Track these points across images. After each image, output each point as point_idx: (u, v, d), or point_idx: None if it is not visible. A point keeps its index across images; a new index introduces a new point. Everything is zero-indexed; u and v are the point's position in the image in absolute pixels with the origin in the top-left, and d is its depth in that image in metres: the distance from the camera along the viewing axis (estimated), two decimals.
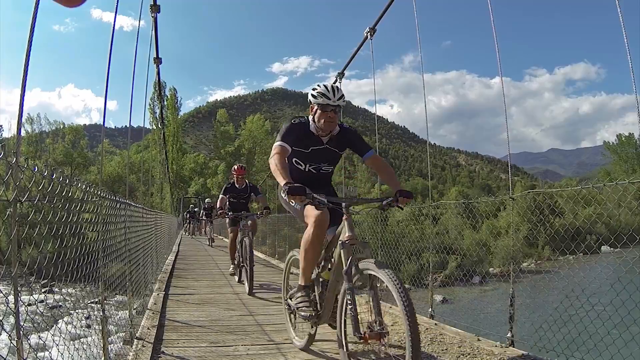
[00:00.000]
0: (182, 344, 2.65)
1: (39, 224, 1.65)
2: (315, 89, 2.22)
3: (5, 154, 1.21)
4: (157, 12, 4.90)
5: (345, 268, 1.85)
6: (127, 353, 2.49)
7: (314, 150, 2.32)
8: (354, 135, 2.39)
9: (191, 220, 18.16)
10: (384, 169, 2.35)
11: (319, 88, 2.21)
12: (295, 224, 9.12)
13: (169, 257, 8.17)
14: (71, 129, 33.25)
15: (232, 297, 4.31)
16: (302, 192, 1.89)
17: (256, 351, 2.53)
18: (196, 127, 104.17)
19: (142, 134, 8.57)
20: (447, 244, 8.74)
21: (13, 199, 1.29)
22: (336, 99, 2.17)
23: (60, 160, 29.89)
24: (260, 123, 40.85)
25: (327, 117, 2.20)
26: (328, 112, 2.19)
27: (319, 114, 2.21)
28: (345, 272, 1.85)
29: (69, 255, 1.84)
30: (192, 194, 34.85)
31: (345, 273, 1.84)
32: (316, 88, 2.22)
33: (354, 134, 2.40)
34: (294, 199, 1.88)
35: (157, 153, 13.23)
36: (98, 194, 2.36)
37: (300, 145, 2.27)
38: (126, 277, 3.16)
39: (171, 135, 34.10)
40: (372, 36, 4.52)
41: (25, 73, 1.50)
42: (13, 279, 1.27)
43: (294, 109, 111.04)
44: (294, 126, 2.27)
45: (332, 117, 2.20)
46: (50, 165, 1.71)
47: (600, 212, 2.89)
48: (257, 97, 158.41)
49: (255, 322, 3.26)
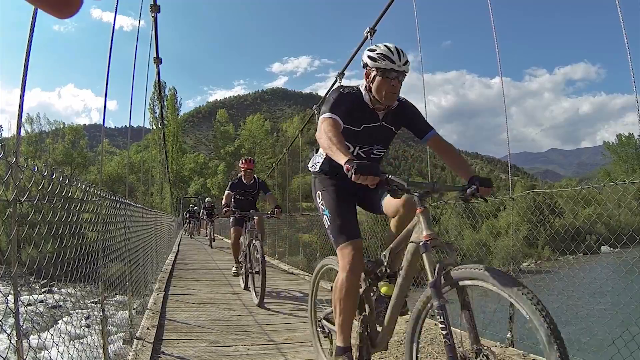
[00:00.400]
0: (182, 344, 2.65)
1: (39, 223, 1.65)
2: (374, 49, 1.76)
3: (5, 154, 1.21)
4: (157, 12, 4.91)
5: (432, 279, 1.36)
6: (127, 353, 2.49)
7: (366, 128, 1.86)
8: (414, 111, 1.93)
9: (191, 220, 18.10)
10: (451, 152, 1.89)
11: (379, 49, 1.74)
12: (294, 223, 9.11)
13: (169, 257, 8.17)
14: (71, 129, 33.27)
15: (232, 297, 4.31)
16: (375, 171, 1.42)
17: (256, 351, 2.53)
18: (196, 127, 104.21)
19: (142, 134, 8.58)
20: None
21: (13, 199, 1.29)
22: (402, 63, 1.71)
23: (60, 160, 29.90)
24: (260, 123, 40.92)
25: (390, 87, 1.73)
26: (391, 80, 1.72)
27: (378, 81, 1.74)
28: (432, 284, 1.35)
29: (68, 255, 1.83)
30: (192, 194, 34.87)
31: (433, 286, 1.35)
32: (375, 49, 1.76)
33: (414, 109, 1.94)
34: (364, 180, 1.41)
35: (157, 153, 13.25)
36: (98, 194, 2.35)
37: (351, 121, 1.78)
38: (126, 277, 3.16)
39: (171, 135, 34.13)
40: (372, 36, 4.52)
41: (25, 73, 1.51)
42: (13, 278, 1.27)
43: (294, 109, 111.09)
44: (345, 96, 1.80)
45: (396, 86, 1.74)
46: (50, 165, 1.71)
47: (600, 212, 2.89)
48: (257, 97, 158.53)
49: (255, 322, 3.26)
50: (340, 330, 1.80)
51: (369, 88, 1.80)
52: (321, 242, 6.69)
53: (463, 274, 1.32)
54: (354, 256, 1.75)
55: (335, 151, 1.56)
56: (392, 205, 1.81)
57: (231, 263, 7.95)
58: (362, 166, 1.42)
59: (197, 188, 35.86)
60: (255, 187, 5.07)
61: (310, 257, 7.33)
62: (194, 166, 38.51)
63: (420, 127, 1.90)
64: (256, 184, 5.08)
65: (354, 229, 1.83)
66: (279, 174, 15.25)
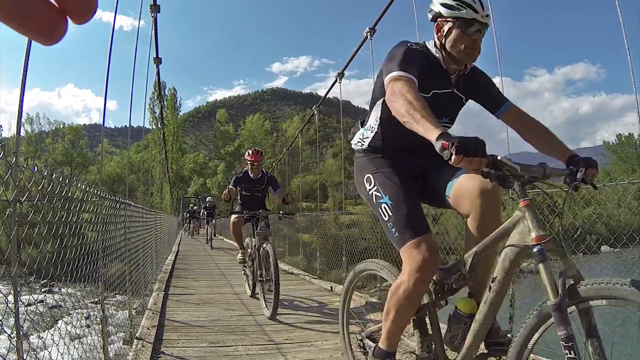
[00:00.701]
0: (182, 344, 2.65)
1: (39, 224, 1.65)
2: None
3: (5, 154, 1.21)
4: (157, 12, 4.91)
5: (555, 299, 1.01)
6: (127, 353, 2.49)
7: (436, 95, 1.47)
8: (487, 79, 1.57)
9: (191, 220, 18.05)
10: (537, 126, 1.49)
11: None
12: (294, 223, 9.09)
13: (169, 257, 8.17)
14: (71, 129, 33.29)
15: (232, 297, 4.31)
16: (482, 149, 1.06)
17: (256, 351, 2.53)
18: (196, 127, 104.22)
19: (141, 134, 8.58)
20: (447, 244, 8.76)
21: (13, 199, 1.29)
22: (484, 14, 1.38)
23: (60, 160, 29.91)
24: (260, 123, 40.95)
25: (470, 41, 1.38)
26: (471, 34, 1.37)
27: (456, 34, 1.38)
28: (557, 307, 1.00)
29: (68, 255, 1.83)
30: (192, 194, 34.89)
31: (558, 309, 0.99)
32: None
33: (487, 76, 1.58)
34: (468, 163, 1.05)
35: (157, 153, 13.24)
36: (98, 194, 2.35)
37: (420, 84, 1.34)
38: (126, 277, 3.16)
39: (171, 135, 34.14)
40: (372, 36, 4.53)
41: (25, 73, 1.50)
42: (13, 278, 1.27)
43: (294, 109, 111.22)
44: (414, 52, 1.41)
45: (477, 41, 1.39)
46: (50, 165, 1.71)
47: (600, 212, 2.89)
48: (257, 97, 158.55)
49: (255, 322, 3.26)
50: (387, 335, 1.48)
51: (441, 45, 1.43)
52: (321, 242, 6.69)
53: (597, 291, 0.96)
54: (427, 257, 1.33)
55: (420, 121, 1.17)
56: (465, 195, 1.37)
57: (231, 263, 7.96)
58: (467, 142, 1.04)
59: (197, 188, 35.87)
60: (263, 182, 4.47)
61: (310, 257, 7.33)
62: (193, 166, 38.55)
63: (496, 98, 1.54)
64: (264, 179, 4.49)
65: (424, 222, 1.42)
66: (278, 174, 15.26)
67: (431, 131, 1.13)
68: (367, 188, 1.54)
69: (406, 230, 1.39)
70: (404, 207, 1.42)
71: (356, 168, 1.65)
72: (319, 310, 3.76)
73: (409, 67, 1.34)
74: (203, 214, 14.92)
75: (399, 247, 1.41)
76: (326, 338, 2.80)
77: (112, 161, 35.35)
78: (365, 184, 1.56)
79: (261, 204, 4.48)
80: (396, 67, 1.34)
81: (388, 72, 1.36)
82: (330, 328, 3.10)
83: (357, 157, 1.66)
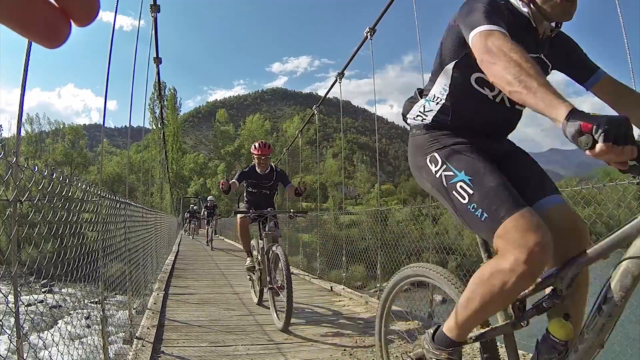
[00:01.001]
0: (182, 343, 2.65)
1: (39, 223, 1.65)
2: None
3: (5, 154, 1.21)
4: (157, 12, 4.91)
5: None
6: (127, 353, 2.49)
7: None
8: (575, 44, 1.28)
9: (192, 220, 17.99)
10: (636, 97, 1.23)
11: None
12: (294, 223, 9.09)
13: (169, 257, 8.17)
14: (71, 129, 33.35)
15: (232, 297, 4.31)
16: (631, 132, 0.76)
17: (256, 351, 2.53)
18: (196, 127, 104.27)
19: (142, 134, 8.57)
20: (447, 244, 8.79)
21: (13, 199, 1.29)
22: None
23: (60, 160, 29.93)
24: (260, 123, 41.04)
25: None
26: None
27: None
28: None
29: (68, 255, 1.84)
30: (192, 194, 34.92)
31: None
32: None
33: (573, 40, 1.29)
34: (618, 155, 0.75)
35: (157, 153, 13.25)
36: (98, 194, 2.36)
37: None
38: (126, 277, 3.16)
39: (171, 135, 34.17)
40: (372, 36, 4.53)
41: (25, 73, 1.50)
42: (13, 278, 1.27)
43: (294, 109, 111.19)
44: (498, 4, 1.12)
45: None
46: (50, 165, 1.71)
47: (600, 212, 2.87)
48: (257, 97, 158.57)
49: (255, 322, 3.26)
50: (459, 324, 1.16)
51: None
52: (321, 242, 6.69)
53: None
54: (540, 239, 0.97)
55: (538, 91, 0.84)
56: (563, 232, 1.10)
57: (231, 263, 7.97)
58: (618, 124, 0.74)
59: (197, 188, 35.90)
60: (271, 177, 4.00)
61: (310, 257, 7.33)
62: (193, 166, 38.59)
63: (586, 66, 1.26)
64: (273, 174, 4.01)
65: (519, 196, 1.08)
66: None
67: (556, 106, 0.80)
68: (432, 170, 1.20)
69: (500, 205, 1.04)
70: (489, 177, 1.09)
71: (414, 148, 1.30)
72: (319, 310, 3.77)
73: (499, 22, 1.03)
74: (203, 213, 14.86)
75: (491, 232, 1.05)
76: (326, 338, 2.80)
77: (112, 161, 35.40)
78: (429, 165, 1.22)
79: (269, 202, 4.04)
80: (483, 19, 1.03)
81: (471, 25, 1.04)
82: (330, 328, 3.10)
83: (414, 134, 1.32)
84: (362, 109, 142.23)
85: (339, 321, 3.36)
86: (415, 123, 1.33)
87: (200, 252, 10.50)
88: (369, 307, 3.80)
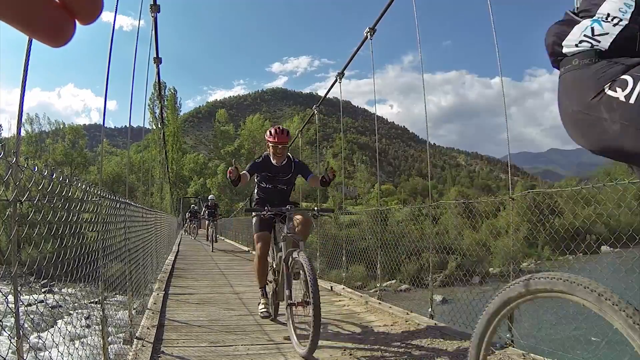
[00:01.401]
0: (182, 343, 2.65)
1: (39, 224, 1.65)
2: None
3: (5, 154, 1.21)
4: (157, 12, 4.90)
5: None
6: (127, 353, 2.49)
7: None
8: None
9: (192, 219, 17.92)
10: None
11: None
12: None
13: (169, 257, 8.17)
14: (71, 129, 33.35)
15: (232, 297, 4.31)
16: None
17: (256, 351, 2.53)
18: (196, 127, 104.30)
19: (142, 134, 8.58)
20: (447, 244, 8.78)
21: (13, 199, 1.29)
22: None
23: (60, 160, 29.93)
24: (260, 123, 41.02)
25: None
26: None
27: None
28: None
29: (68, 255, 1.84)
30: (192, 194, 34.92)
31: None
32: None
33: None
34: None
35: (157, 153, 13.25)
36: (98, 194, 2.36)
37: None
38: (126, 277, 3.16)
39: (171, 135, 34.18)
40: (372, 36, 4.52)
41: (25, 73, 1.50)
42: (13, 278, 1.27)
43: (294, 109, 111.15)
44: None
45: None
46: (50, 165, 1.71)
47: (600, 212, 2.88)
48: (257, 97, 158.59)
49: (255, 322, 3.26)
50: None
51: None
52: (321, 242, 6.68)
53: None
54: None
55: None
56: None
57: (231, 263, 7.93)
58: None
59: (197, 188, 35.90)
60: (289, 169, 3.32)
61: (310, 257, 7.30)
62: (193, 166, 38.59)
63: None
64: (291, 166, 3.32)
65: None
66: None
67: None
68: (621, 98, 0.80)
69: None
70: None
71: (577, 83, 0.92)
72: None
73: None
74: (204, 212, 14.77)
75: None
76: (326, 338, 2.80)
77: (112, 161, 35.41)
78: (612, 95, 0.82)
79: (286, 200, 3.33)
80: None
81: None
82: (330, 328, 3.11)
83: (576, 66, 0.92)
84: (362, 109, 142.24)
85: (339, 321, 3.36)
86: (577, 50, 0.93)
87: (201, 252, 10.50)
88: (369, 307, 3.80)
